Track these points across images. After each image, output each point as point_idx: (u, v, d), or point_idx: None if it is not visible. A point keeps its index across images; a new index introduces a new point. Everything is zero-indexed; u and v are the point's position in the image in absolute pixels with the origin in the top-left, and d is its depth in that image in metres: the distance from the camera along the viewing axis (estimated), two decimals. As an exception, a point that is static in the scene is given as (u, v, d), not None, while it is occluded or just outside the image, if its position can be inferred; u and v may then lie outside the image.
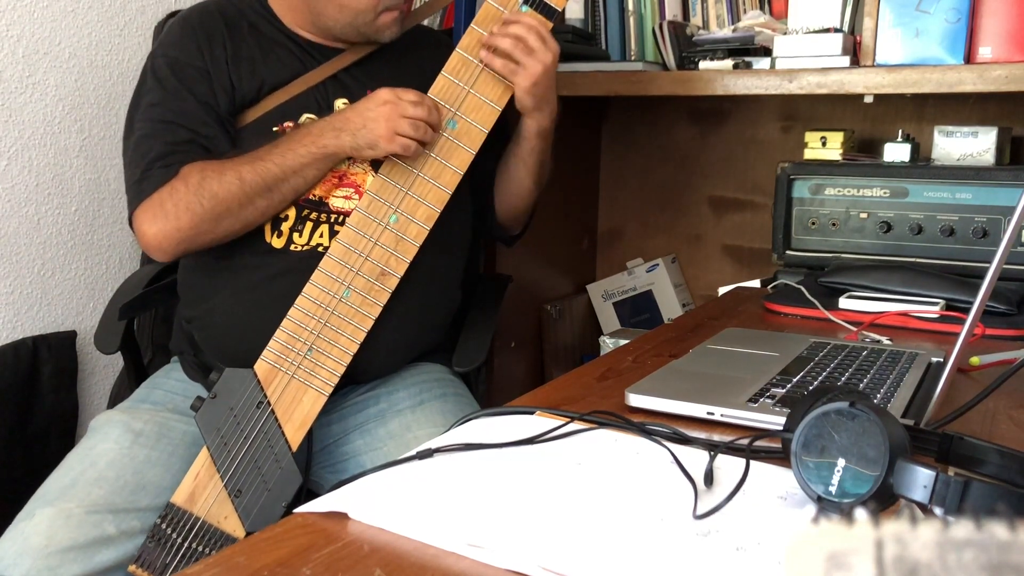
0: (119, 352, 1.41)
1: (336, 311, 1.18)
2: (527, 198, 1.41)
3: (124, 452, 1.13)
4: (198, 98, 1.24)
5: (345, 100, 1.28)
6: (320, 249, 1.21)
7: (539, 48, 1.20)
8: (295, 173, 1.19)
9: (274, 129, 1.25)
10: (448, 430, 0.85)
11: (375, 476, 0.72)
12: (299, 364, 1.17)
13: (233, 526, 1.13)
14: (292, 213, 1.23)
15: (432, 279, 1.29)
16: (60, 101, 1.66)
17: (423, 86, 1.22)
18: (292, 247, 1.22)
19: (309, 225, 1.23)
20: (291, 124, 1.25)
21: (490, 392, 1.72)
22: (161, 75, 1.26)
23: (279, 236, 1.23)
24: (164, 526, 1.10)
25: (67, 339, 1.69)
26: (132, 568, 1.07)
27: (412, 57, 1.35)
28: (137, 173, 1.23)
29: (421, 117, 1.16)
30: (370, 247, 1.19)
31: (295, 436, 1.16)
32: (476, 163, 1.24)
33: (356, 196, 1.23)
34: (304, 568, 0.57)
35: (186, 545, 1.11)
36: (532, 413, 0.86)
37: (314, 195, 1.23)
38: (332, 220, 1.23)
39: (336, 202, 1.23)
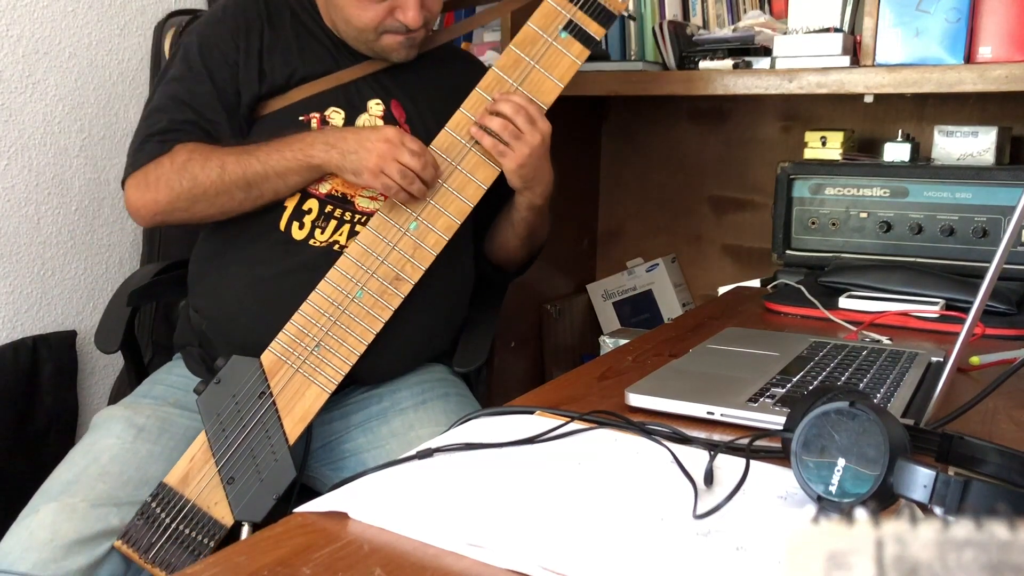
0: (119, 351, 1.41)
1: (347, 310, 1.19)
2: (513, 256, 1.43)
3: (127, 447, 1.13)
4: (215, 83, 1.27)
5: (379, 100, 1.29)
6: (336, 248, 1.22)
7: (527, 130, 1.20)
8: (278, 176, 1.20)
9: (300, 119, 1.27)
10: (448, 430, 0.85)
11: (375, 476, 0.72)
12: (305, 359, 1.18)
13: (222, 513, 1.13)
14: (315, 206, 1.24)
15: (444, 289, 1.30)
16: (60, 101, 1.66)
17: (453, 105, 1.23)
18: (312, 241, 1.24)
19: (333, 223, 1.24)
20: (316, 116, 1.27)
21: (490, 392, 1.72)
22: (189, 53, 1.29)
23: (301, 228, 1.24)
24: (154, 505, 1.10)
25: (67, 339, 1.69)
26: (117, 543, 1.07)
27: (445, 74, 1.36)
28: (137, 143, 1.28)
29: (414, 168, 1.16)
30: (388, 251, 1.20)
31: (294, 430, 1.16)
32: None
33: (381, 197, 1.24)
34: (304, 568, 0.57)
35: (173, 526, 1.11)
36: (532, 413, 0.86)
37: (339, 191, 1.24)
38: (355, 220, 1.24)
39: (362, 202, 1.25)
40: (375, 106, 1.29)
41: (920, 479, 0.59)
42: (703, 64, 1.67)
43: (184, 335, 1.35)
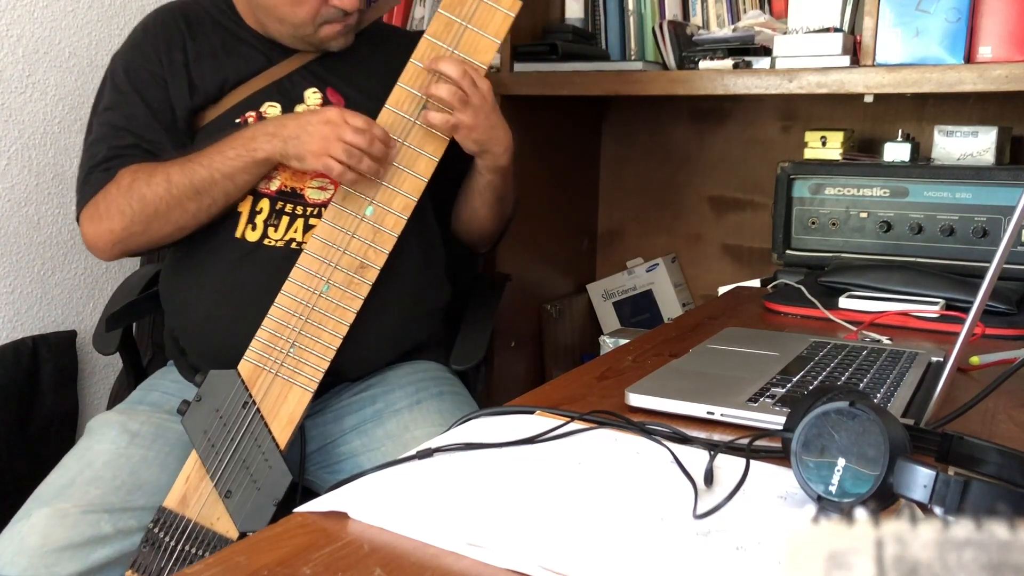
0: (118, 352, 1.41)
1: (316, 307, 1.17)
2: (484, 228, 1.41)
3: (120, 452, 1.13)
4: (148, 103, 1.26)
5: (315, 89, 1.28)
6: (293, 245, 1.21)
7: (472, 93, 1.18)
8: (225, 178, 1.18)
9: (236, 121, 1.25)
10: (448, 429, 0.85)
11: (375, 476, 0.72)
12: (282, 362, 1.17)
13: (226, 527, 1.13)
14: (266, 205, 1.22)
15: (414, 270, 1.28)
16: (60, 101, 1.66)
17: (391, 82, 1.21)
18: (266, 241, 1.22)
19: (285, 220, 1.22)
20: (252, 114, 1.25)
21: (490, 391, 1.72)
22: (117, 80, 1.28)
23: (253, 229, 1.23)
24: (157, 530, 1.10)
25: (67, 339, 1.69)
26: (128, 574, 1.08)
27: (380, 52, 1.34)
28: (82, 176, 1.26)
29: (359, 145, 1.13)
30: (347, 240, 1.18)
31: (282, 434, 1.15)
32: (435, 177, 1.22)
33: (331, 186, 1.22)
34: (304, 568, 0.57)
35: (179, 548, 1.11)
36: (532, 412, 0.86)
37: (288, 186, 1.23)
38: (308, 213, 1.23)
39: (312, 193, 1.23)
40: (312, 95, 1.28)
41: (920, 479, 0.59)
42: (703, 64, 1.67)
43: (170, 348, 1.35)
